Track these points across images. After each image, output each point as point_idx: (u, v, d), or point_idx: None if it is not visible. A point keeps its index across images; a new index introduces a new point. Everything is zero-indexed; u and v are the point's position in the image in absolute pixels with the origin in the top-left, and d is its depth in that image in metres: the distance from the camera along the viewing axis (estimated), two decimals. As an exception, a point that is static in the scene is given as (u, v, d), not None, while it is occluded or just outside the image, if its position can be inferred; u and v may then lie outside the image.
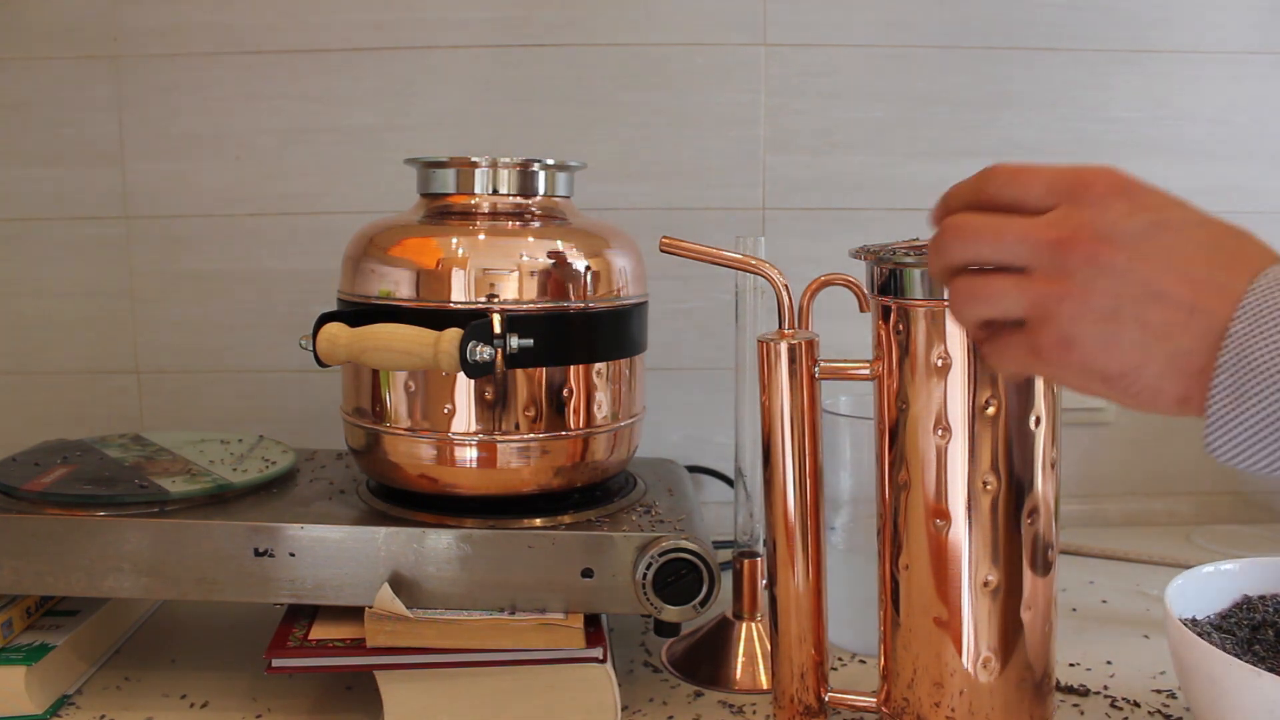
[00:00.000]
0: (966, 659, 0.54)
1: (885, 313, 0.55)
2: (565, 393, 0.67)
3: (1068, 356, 0.41)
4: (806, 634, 0.58)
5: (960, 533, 0.53)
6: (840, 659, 0.72)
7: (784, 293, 0.58)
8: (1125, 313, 0.39)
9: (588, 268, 0.67)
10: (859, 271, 0.58)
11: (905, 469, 0.55)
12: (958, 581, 0.54)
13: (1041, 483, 0.54)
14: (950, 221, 0.44)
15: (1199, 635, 0.57)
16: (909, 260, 0.53)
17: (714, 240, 0.61)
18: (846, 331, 0.65)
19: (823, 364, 0.57)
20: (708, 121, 0.98)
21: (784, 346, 0.56)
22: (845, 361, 0.57)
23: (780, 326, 0.58)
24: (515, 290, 0.65)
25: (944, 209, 0.46)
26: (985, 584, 0.54)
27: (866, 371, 0.56)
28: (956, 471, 0.53)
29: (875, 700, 0.59)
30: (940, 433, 0.53)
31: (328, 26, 0.96)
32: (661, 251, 0.59)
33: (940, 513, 0.54)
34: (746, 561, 0.72)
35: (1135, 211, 0.40)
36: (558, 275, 0.66)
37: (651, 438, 0.78)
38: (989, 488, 0.53)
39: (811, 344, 0.57)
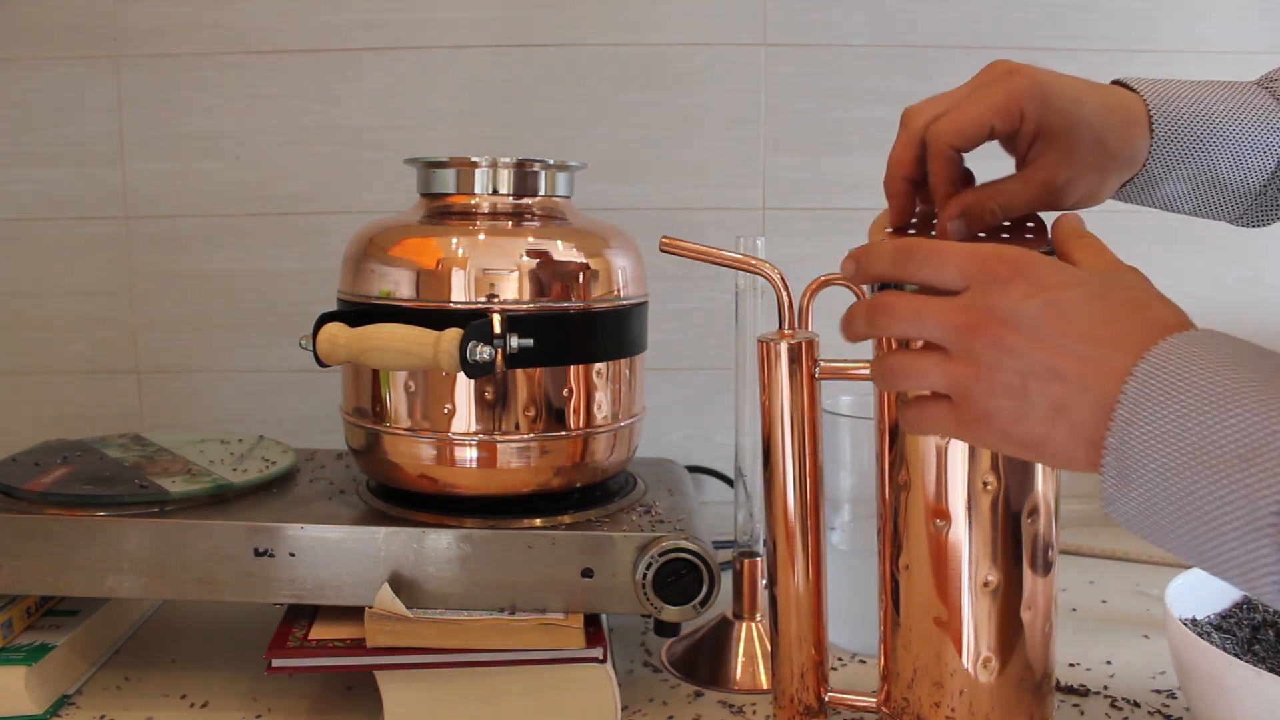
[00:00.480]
0: (966, 659, 0.54)
1: (885, 313, 0.55)
2: (565, 393, 0.67)
3: (988, 430, 0.44)
4: (806, 634, 0.58)
5: (960, 533, 0.53)
6: (840, 659, 0.72)
7: (784, 293, 0.58)
8: (1031, 389, 0.42)
9: (587, 268, 0.67)
10: (859, 271, 0.58)
11: (905, 469, 0.55)
12: (958, 581, 0.54)
13: (1041, 483, 0.54)
14: (876, 301, 0.47)
15: (1199, 635, 0.57)
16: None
17: (714, 240, 0.61)
18: (846, 331, 0.65)
19: (823, 364, 0.57)
20: (708, 121, 0.98)
21: (784, 346, 0.56)
22: (845, 361, 0.57)
23: (780, 326, 0.58)
24: (515, 290, 0.65)
25: (857, 269, 0.49)
26: (985, 584, 0.54)
27: (866, 371, 0.56)
28: (956, 471, 0.53)
29: (875, 700, 0.59)
30: (940, 433, 0.53)
31: (328, 26, 0.96)
32: (661, 251, 0.59)
33: (940, 513, 0.54)
34: (746, 561, 0.72)
35: (1032, 293, 0.43)
36: (558, 275, 0.66)
37: (651, 438, 0.78)
38: (989, 488, 0.53)
39: (811, 344, 0.57)
